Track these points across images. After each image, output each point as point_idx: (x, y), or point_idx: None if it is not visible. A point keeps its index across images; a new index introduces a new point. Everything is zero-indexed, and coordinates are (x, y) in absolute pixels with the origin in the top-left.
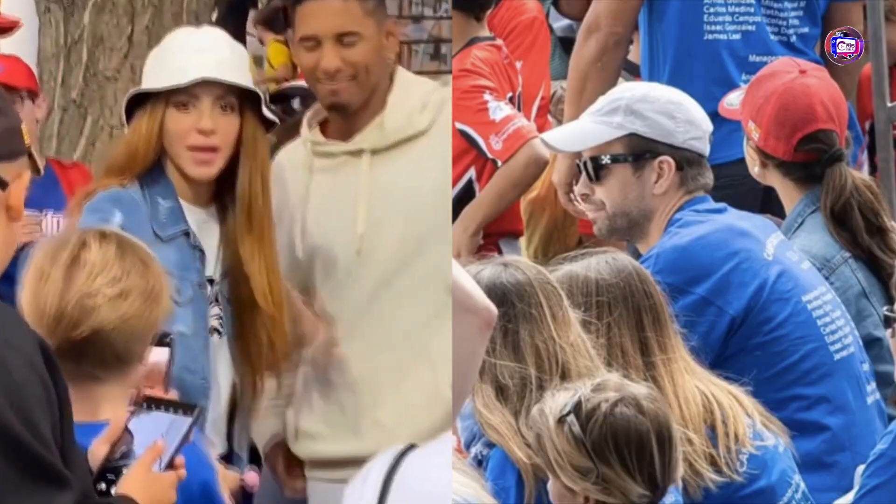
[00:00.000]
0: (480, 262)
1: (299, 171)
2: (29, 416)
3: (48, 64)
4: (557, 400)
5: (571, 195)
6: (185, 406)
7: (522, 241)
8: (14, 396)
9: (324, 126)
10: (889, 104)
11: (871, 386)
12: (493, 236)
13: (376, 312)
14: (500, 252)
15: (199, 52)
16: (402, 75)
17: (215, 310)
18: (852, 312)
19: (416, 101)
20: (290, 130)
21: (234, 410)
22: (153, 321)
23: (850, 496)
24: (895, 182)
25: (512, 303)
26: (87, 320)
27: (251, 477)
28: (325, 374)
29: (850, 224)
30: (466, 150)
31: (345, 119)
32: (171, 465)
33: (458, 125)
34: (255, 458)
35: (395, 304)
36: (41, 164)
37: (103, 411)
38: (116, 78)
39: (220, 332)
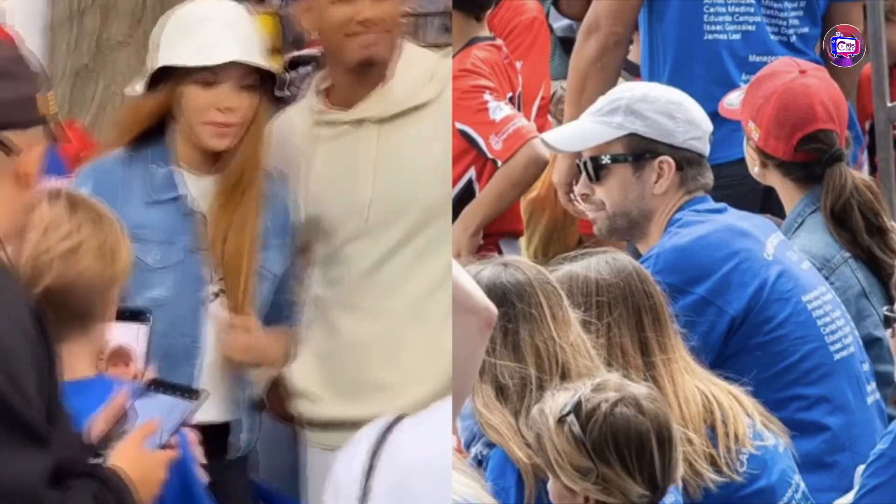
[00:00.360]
0: (480, 262)
1: (303, 137)
2: (13, 375)
3: (60, 29)
4: (557, 400)
5: (571, 195)
6: (190, 391)
7: (522, 241)
8: (5, 363)
9: (328, 91)
10: (889, 104)
11: (871, 386)
12: (493, 236)
13: (378, 281)
14: (500, 252)
15: (227, 28)
16: (408, 46)
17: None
18: (852, 312)
19: (424, 72)
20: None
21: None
22: (110, 277)
23: (850, 496)
24: (895, 182)
25: (512, 303)
26: (42, 278)
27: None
28: (323, 336)
29: (850, 224)
30: (466, 150)
31: (348, 85)
32: (166, 446)
33: (458, 125)
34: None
35: (398, 274)
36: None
37: (66, 370)
38: (128, 43)
39: (223, 292)
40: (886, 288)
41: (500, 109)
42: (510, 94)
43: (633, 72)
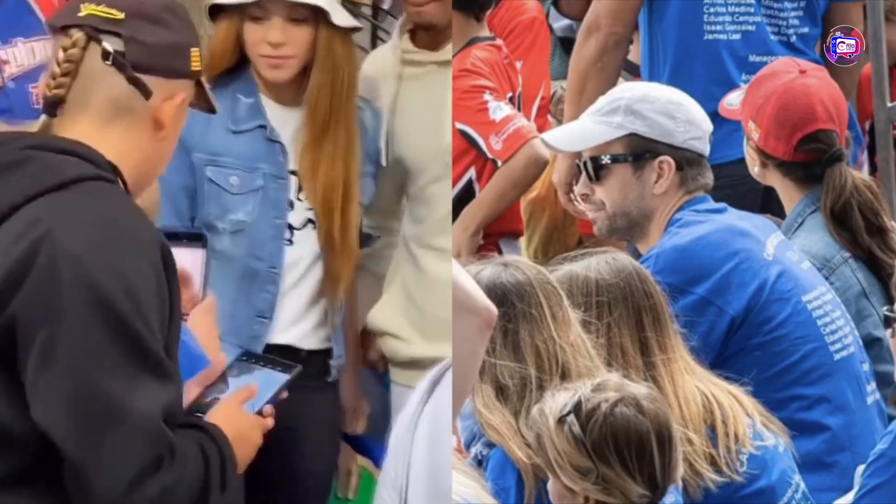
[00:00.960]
0: (480, 262)
1: (389, 78)
2: (141, 306)
3: None
4: (557, 400)
5: (571, 195)
6: (284, 364)
7: (522, 241)
8: (130, 285)
9: (413, 34)
10: (889, 104)
11: (871, 386)
12: (493, 236)
13: (448, 222)
14: (500, 252)
15: None
16: None
17: (305, 203)
18: (852, 312)
19: None
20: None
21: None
22: None
23: (850, 496)
24: (895, 182)
25: (512, 303)
26: None
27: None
28: (410, 274)
29: (850, 224)
30: (466, 150)
31: (431, 29)
32: (259, 413)
33: (458, 125)
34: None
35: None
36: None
37: None
38: None
39: (312, 222)
40: (886, 288)
41: (500, 109)
42: (510, 94)
43: (633, 72)
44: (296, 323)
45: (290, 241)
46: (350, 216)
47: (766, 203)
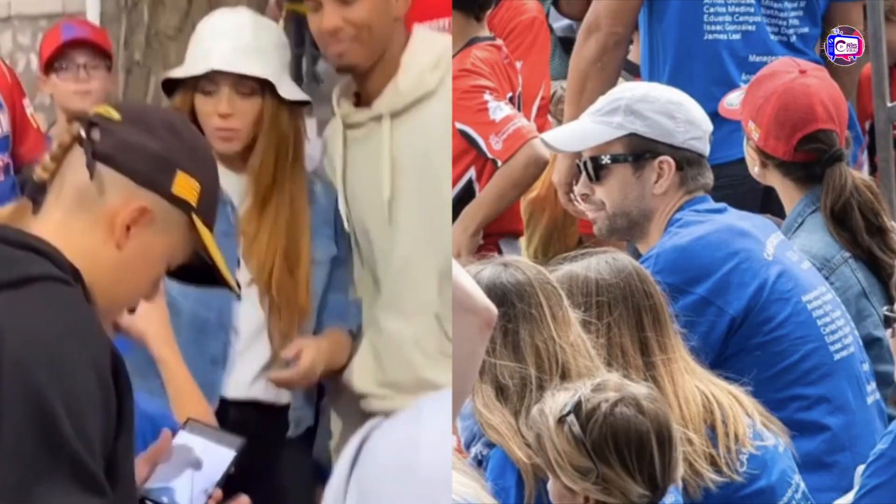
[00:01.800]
0: (480, 262)
1: (336, 144)
2: (80, 418)
3: (111, 26)
4: (557, 400)
5: (571, 195)
6: (230, 437)
7: (522, 241)
8: (71, 395)
9: (357, 97)
10: (889, 104)
11: (871, 386)
12: (493, 236)
13: (407, 281)
14: (500, 252)
15: (221, 38)
16: (419, 33)
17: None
18: (852, 312)
19: (429, 60)
20: None
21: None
22: None
23: (850, 496)
24: (895, 182)
25: (512, 303)
26: None
27: None
28: (374, 335)
29: (850, 224)
30: (466, 150)
31: (363, 83)
32: (209, 497)
33: (458, 125)
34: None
35: (420, 271)
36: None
37: None
38: (177, 37)
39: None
40: (886, 288)
41: (500, 109)
42: (510, 94)
43: (633, 72)
44: (255, 379)
45: (239, 297)
46: (297, 278)
47: (766, 203)
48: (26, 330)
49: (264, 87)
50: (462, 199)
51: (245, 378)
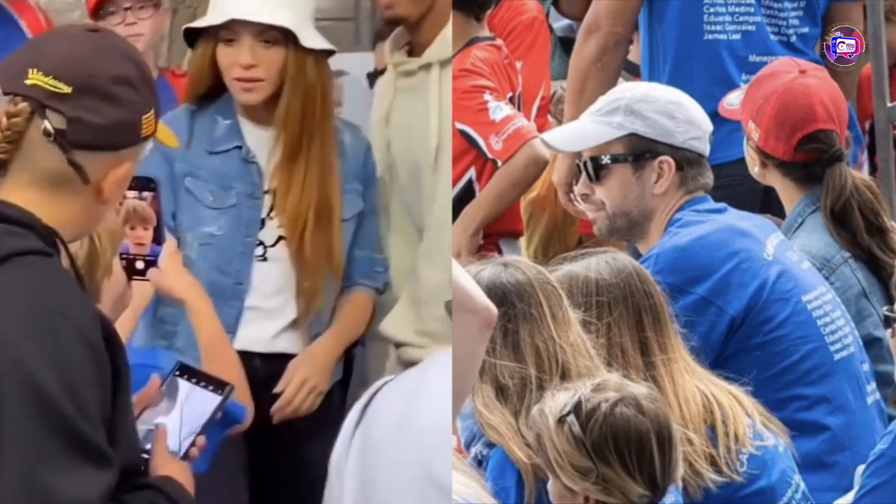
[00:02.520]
0: (480, 262)
1: (386, 93)
2: (75, 390)
3: None
4: (557, 400)
5: (571, 195)
6: (218, 382)
7: (522, 241)
8: (63, 369)
9: (410, 48)
10: (889, 104)
11: (871, 386)
12: (493, 236)
13: (447, 229)
14: (500, 252)
15: None
16: None
17: (276, 221)
18: (852, 312)
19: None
20: None
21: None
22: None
23: (850, 496)
24: (895, 182)
25: (512, 303)
26: None
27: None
28: (412, 283)
29: (850, 224)
30: (466, 150)
31: (414, 34)
32: (192, 444)
33: (458, 125)
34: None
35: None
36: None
37: None
38: None
39: (284, 239)
40: (886, 288)
41: (500, 109)
42: (510, 94)
43: (633, 72)
44: (280, 334)
45: (265, 258)
46: (329, 233)
47: (766, 203)
48: (12, 309)
49: (287, 37)
50: (462, 199)
51: (268, 334)
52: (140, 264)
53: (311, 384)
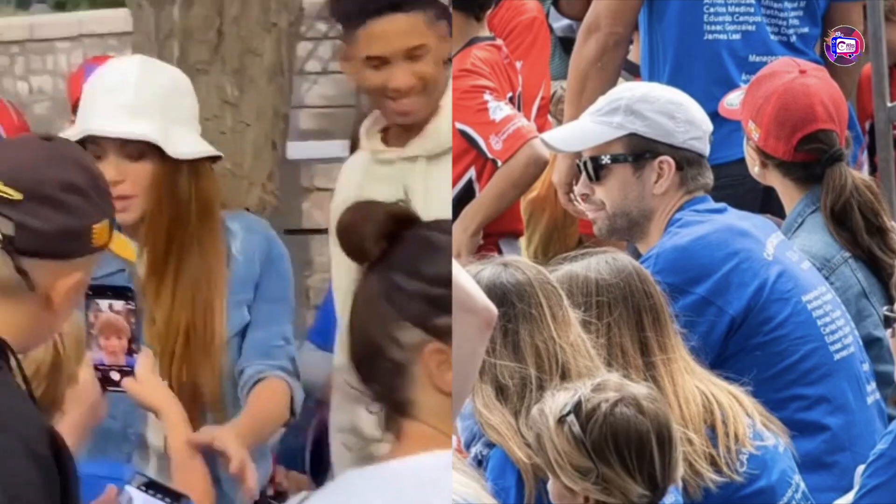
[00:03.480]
0: (480, 262)
1: (353, 176)
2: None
3: None
4: (557, 400)
5: (571, 195)
6: (175, 493)
7: (522, 241)
8: (13, 491)
9: (385, 131)
10: (889, 104)
11: (871, 386)
12: (493, 236)
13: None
14: (500, 252)
15: (103, 94)
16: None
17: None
18: (852, 312)
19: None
20: None
21: None
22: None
23: (850, 496)
24: (895, 182)
25: (512, 303)
26: None
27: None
28: None
29: (850, 224)
30: (466, 150)
31: (406, 126)
32: None
33: (458, 125)
34: None
35: None
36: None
37: None
38: (207, 71)
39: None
40: (886, 288)
41: (500, 109)
42: (510, 94)
43: (633, 72)
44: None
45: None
46: (209, 358)
47: (766, 203)
48: None
49: (154, 148)
50: (462, 199)
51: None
52: (115, 375)
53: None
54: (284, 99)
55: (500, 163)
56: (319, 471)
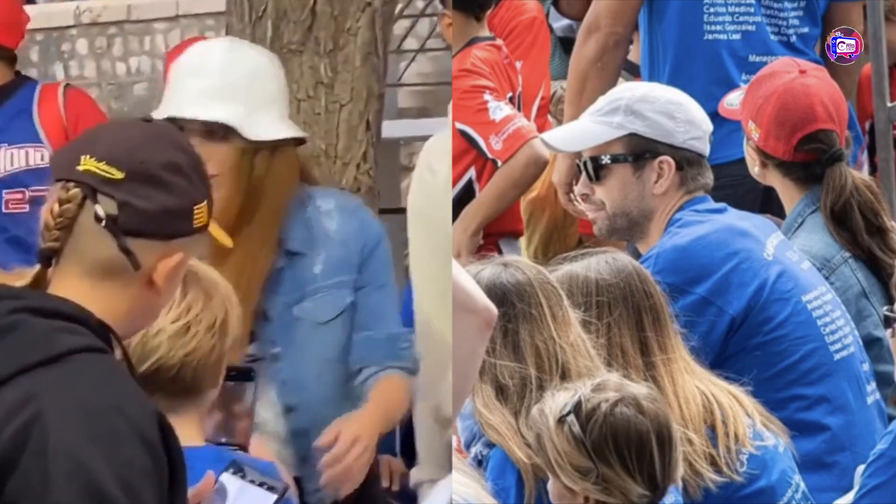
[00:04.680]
0: (480, 262)
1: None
2: (133, 489)
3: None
4: (557, 400)
5: (571, 195)
6: (271, 483)
7: (522, 241)
8: (122, 468)
9: None
10: (889, 104)
11: (871, 386)
12: (493, 236)
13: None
14: (500, 252)
15: (188, 78)
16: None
17: None
18: (852, 312)
19: None
20: None
21: None
22: (219, 351)
23: (850, 496)
24: (895, 182)
25: (512, 303)
26: (150, 357)
27: None
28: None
29: (850, 224)
30: (466, 150)
31: None
32: None
33: (458, 125)
34: None
35: None
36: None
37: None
38: (301, 51)
39: None
40: (886, 288)
41: (500, 109)
42: (510, 94)
43: (633, 72)
44: None
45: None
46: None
47: (766, 203)
48: (69, 409)
49: (231, 130)
50: (462, 199)
51: None
52: None
53: (364, 444)
54: (379, 78)
55: (500, 163)
56: (412, 453)
